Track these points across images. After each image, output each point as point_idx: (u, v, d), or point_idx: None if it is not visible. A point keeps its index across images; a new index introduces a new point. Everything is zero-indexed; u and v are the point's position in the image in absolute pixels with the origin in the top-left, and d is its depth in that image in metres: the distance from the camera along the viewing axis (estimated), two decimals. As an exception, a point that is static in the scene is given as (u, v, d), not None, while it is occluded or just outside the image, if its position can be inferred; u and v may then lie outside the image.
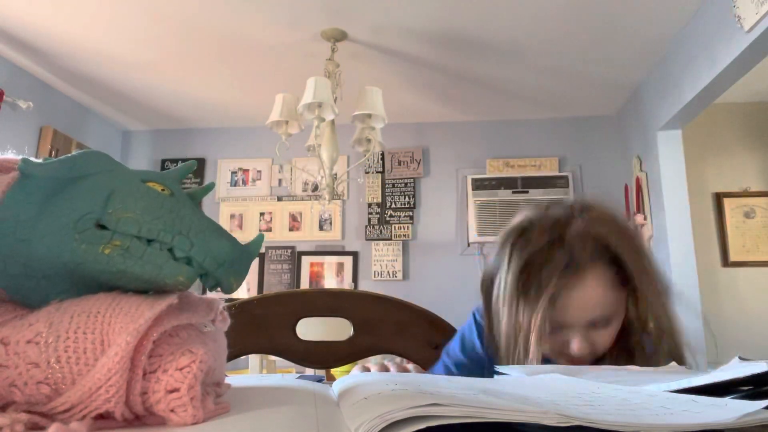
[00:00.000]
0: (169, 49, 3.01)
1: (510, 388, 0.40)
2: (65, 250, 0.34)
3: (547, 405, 0.31)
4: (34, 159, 0.37)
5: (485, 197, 3.70)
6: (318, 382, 0.54)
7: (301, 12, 2.63)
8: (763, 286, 3.59)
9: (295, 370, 2.53)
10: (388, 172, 3.97)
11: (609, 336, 0.74)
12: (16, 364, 0.32)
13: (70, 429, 0.29)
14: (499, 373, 0.53)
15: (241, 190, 4.07)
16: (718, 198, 3.72)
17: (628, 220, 0.76)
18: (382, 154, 3.96)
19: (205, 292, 0.46)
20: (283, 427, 0.32)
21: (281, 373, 2.11)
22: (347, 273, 3.85)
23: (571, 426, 0.27)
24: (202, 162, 4.12)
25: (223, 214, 4.02)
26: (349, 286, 3.75)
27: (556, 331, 0.73)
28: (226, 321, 0.42)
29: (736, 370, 0.36)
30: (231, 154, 4.13)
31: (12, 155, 0.40)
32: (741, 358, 0.44)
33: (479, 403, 0.29)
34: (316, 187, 3.93)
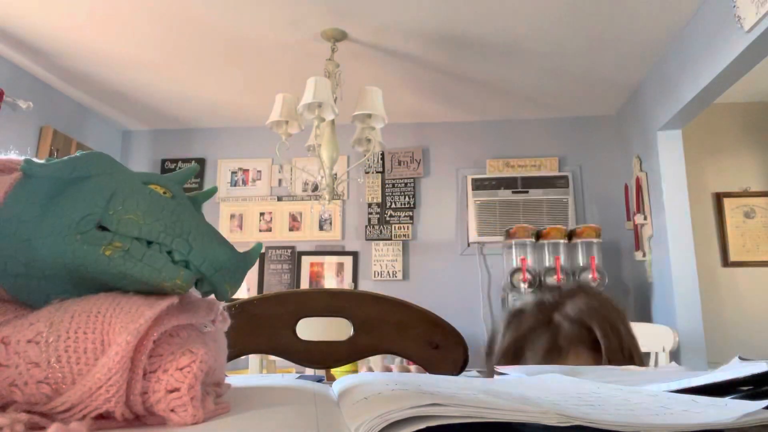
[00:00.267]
0: (169, 49, 3.01)
1: (510, 388, 0.40)
2: (66, 251, 0.34)
3: (547, 405, 0.31)
4: (36, 160, 0.37)
5: (485, 197, 3.70)
6: (318, 382, 0.54)
7: (301, 12, 2.63)
8: (763, 286, 3.59)
9: (295, 370, 2.52)
10: (388, 172, 3.97)
11: None
12: (17, 364, 0.32)
13: (70, 429, 0.29)
14: (500, 373, 0.53)
15: (241, 190, 4.07)
16: (718, 198, 3.71)
17: (614, 301, 0.87)
18: (382, 154, 3.96)
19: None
20: (283, 427, 0.32)
21: (281, 373, 2.10)
22: (347, 273, 3.84)
23: (571, 426, 0.27)
24: (202, 162, 4.12)
25: (223, 214, 4.02)
26: (349, 286, 3.74)
27: None
28: (226, 321, 0.42)
29: (736, 370, 0.36)
30: (231, 154, 4.13)
31: (14, 156, 0.40)
32: (741, 358, 0.44)
33: (479, 403, 0.29)
34: (316, 187, 3.93)
